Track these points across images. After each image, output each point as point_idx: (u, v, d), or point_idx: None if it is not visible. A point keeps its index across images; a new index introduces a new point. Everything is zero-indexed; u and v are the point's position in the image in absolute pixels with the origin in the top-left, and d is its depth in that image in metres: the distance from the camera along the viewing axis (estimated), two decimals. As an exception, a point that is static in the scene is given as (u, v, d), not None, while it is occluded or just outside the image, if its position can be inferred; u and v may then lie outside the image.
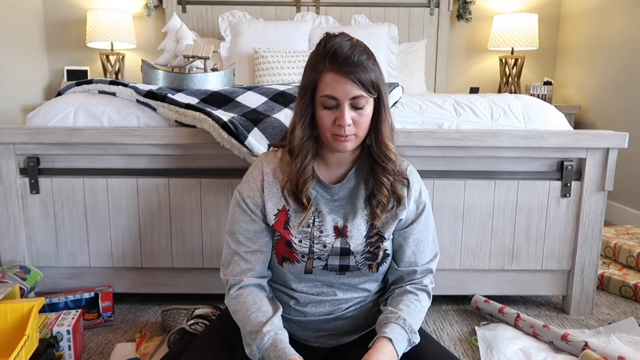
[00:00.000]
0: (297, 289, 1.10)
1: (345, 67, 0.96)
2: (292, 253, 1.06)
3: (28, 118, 1.73)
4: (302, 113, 1.04)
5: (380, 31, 3.23)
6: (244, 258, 1.07)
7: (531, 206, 1.69)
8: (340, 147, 1.01)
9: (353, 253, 1.07)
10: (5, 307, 1.26)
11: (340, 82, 0.97)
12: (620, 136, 1.63)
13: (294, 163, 1.05)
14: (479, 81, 3.71)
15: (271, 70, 2.92)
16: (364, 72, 0.97)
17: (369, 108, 1.01)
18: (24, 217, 1.68)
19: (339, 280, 1.09)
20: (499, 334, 1.57)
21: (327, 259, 1.07)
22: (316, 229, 1.07)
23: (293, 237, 1.06)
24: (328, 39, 1.00)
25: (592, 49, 3.27)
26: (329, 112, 1.00)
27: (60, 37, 3.56)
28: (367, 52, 1.00)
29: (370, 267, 1.08)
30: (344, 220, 1.08)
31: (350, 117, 0.99)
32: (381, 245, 1.08)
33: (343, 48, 0.97)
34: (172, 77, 1.84)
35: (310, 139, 1.05)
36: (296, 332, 1.14)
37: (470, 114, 1.73)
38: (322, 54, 0.99)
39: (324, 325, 1.12)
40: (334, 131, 1.00)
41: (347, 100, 0.98)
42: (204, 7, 3.54)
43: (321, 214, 1.08)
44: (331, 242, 1.06)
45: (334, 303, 1.10)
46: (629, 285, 1.94)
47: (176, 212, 1.68)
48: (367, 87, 0.98)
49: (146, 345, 1.50)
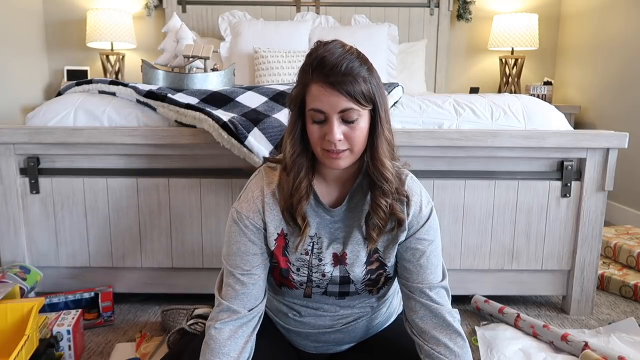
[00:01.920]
0: (297, 303, 1.08)
1: (331, 78, 0.87)
2: (290, 282, 1.02)
3: (28, 118, 1.73)
4: (291, 127, 0.97)
5: (380, 31, 3.23)
6: (239, 281, 1.00)
7: (531, 206, 1.69)
8: (332, 164, 0.93)
9: (353, 281, 1.02)
10: (5, 307, 1.26)
11: (326, 94, 0.88)
12: (620, 136, 1.63)
13: (287, 180, 0.98)
14: (479, 81, 3.71)
15: (271, 70, 2.92)
16: (354, 83, 0.87)
17: (364, 121, 0.91)
18: (24, 217, 1.68)
19: (339, 303, 1.06)
20: (499, 334, 1.57)
21: (327, 287, 1.03)
22: (315, 257, 1.01)
23: (291, 264, 1.01)
24: (318, 47, 0.91)
25: (592, 49, 3.27)
26: (318, 126, 0.91)
27: (60, 37, 3.56)
28: (360, 59, 0.91)
29: (371, 291, 1.04)
30: (343, 246, 1.01)
31: (341, 132, 0.90)
32: (383, 273, 1.03)
33: (332, 56, 0.88)
34: (172, 77, 1.84)
35: (302, 154, 0.97)
36: (295, 340, 1.13)
37: (470, 114, 1.73)
38: (309, 63, 0.91)
39: (323, 337, 1.10)
40: (324, 146, 0.92)
41: (335, 114, 0.89)
42: (204, 7, 3.54)
43: (321, 239, 1.01)
44: (330, 270, 1.01)
45: (334, 317, 1.07)
46: (629, 285, 1.94)
47: (176, 212, 1.68)
48: (358, 99, 0.88)
49: (146, 345, 1.50)
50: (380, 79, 0.96)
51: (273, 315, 1.15)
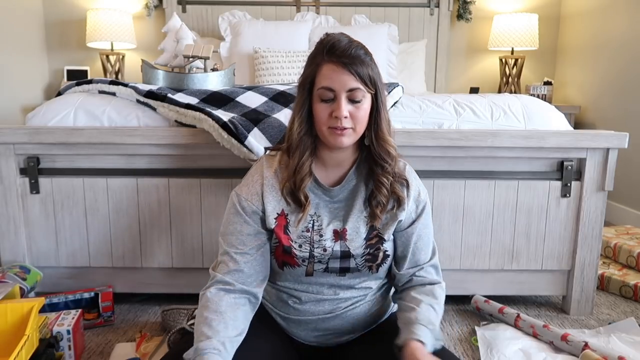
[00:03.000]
0: (298, 288, 1.11)
1: (343, 59, 0.97)
2: (293, 258, 1.07)
3: (28, 118, 1.73)
4: (299, 107, 1.04)
5: (380, 31, 3.23)
6: (233, 259, 1.06)
7: (531, 206, 1.69)
8: (337, 141, 1.01)
9: (353, 255, 1.07)
10: (5, 307, 1.26)
11: (337, 72, 0.98)
12: (620, 136, 1.63)
13: (292, 159, 1.05)
14: (479, 81, 3.71)
15: (271, 70, 2.92)
16: (362, 65, 0.98)
17: (367, 103, 1.01)
18: (24, 217, 1.68)
19: (339, 282, 1.10)
20: (499, 334, 1.57)
21: (328, 262, 1.07)
22: (315, 232, 1.07)
23: (293, 242, 1.06)
24: (328, 35, 1.02)
25: (592, 49, 3.27)
26: (325, 104, 1.00)
27: (60, 37, 3.56)
28: (364, 49, 1.02)
29: (370, 268, 1.09)
30: (343, 223, 1.08)
31: (347, 110, 0.99)
32: (381, 247, 1.08)
33: (341, 42, 0.99)
34: (172, 77, 1.84)
35: (307, 134, 1.05)
36: (296, 332, 1.14)
37: (470, 114, 1.73)
38: (321, 48, 1.01)
39: (323, 324, 1.12)
40: (330, 124, 1.00)
41: (344, 92, 0.98)
42: (204, 7, 3.54)
43: (320, 217, 1.08)
44: (331, 245, 1.06)
45: (333, 302, 1.10)
46: (629, 285, 1.94)
47: (176, 212, 1.68)
48: (365, 80, 0.99)
49: (146, 345, 1.50)
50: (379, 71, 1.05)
51: (272, 308, 1.16)
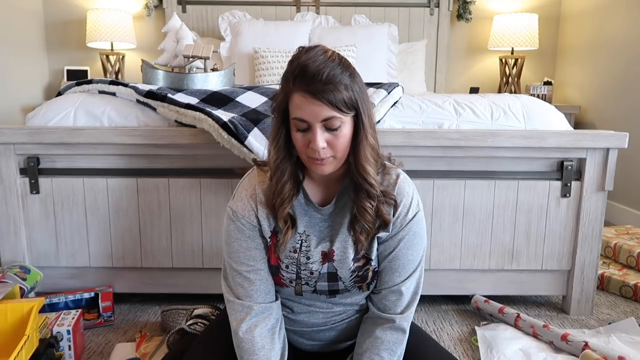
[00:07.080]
0: (291, 299, 1.09)
1: (312, 87, 0.87)
2: (280, 279, 1.04)
3: (28, 118, 1.73)
4: (275, 134, 0.97)
5: (380, 31, 3.22)
6: (247, 279, 1.02)
7: (531, 206, 1.69)
8: (317, 170, 0.95)
9: (341, 279, 1.02)
10: (5, 307, 1.26)
11: (308, 104, 0.88)
12: (620, 136, 1.63)
13: (270, 184, 1.00)
14: (479, 81, 3.71)
15: (271, 70, 2.92)
16: (335, 92, 0.88)
17: (346, 128, 0.92)
18: (24, 217, 1.68)
19: (331, 301, 1.07)
20: (499, 334, 1.57)
21: (315, 285, 1.03)
22: (303, 254, 1.02)
23: (281, 262, 1.03)
24: (300, 54, 0.92)
25: (592, 49, 3.27)
26: (302, 134, 0.92)
27: (60, 37, 3.56)
28: (342, 65, 0.91)
29: (360, 287, 1.05)
30: (331, 243, 1.02)
31: (324, 140, 0.91)
32: (370, 267, 1.03)
33: (313, 64, 0.88)
34: (172, 77, 1.84)
35: (286, 159, 0.98)
36: (292, 339, 1.13)
37: (470, 114, 1.73)
38: (291, 71, 0.91)
39: (317, 335, 1.10)
40: (309, 154, 0.93)
41: (317, 123, 0.90)
42: (204, 7, 3.54)
43: (309, 237, 1.03)
44: (318, 268, 1.02)
45: (327, 314, 1.08)
46: (629, 285, 1.94)
47: (176, 212, 1.68)
48: (340, 107, 0.89)
49: (146, 345, 1.50)
50: (364, 84, 0.96)
51: None
